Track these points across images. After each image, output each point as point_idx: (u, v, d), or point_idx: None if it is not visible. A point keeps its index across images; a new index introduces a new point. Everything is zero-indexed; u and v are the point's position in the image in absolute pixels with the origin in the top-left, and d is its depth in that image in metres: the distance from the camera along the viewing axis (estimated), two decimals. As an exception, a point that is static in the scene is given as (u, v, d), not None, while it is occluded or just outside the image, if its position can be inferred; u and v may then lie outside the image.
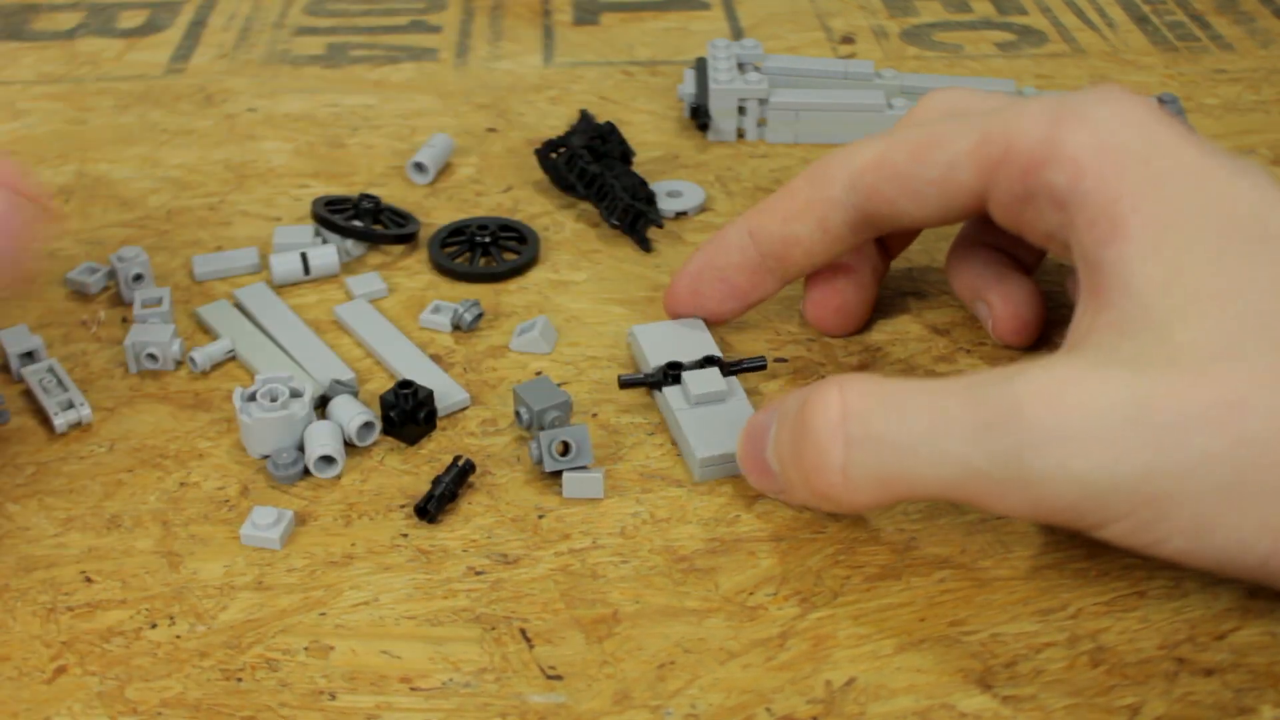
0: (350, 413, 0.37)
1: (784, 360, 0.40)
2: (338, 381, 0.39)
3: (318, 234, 0.46)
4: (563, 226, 0.48)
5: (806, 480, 0.31)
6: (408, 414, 0.37)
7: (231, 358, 0.41)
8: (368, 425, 0.37)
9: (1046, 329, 0.41)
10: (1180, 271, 0.29)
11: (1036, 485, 0.28)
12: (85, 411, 0.38)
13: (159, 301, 0.42)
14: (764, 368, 0.39)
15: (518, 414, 0.37)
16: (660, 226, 0.47)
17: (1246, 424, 0.27)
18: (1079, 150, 0.31)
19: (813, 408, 0.30)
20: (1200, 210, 0.30)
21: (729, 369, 0.38)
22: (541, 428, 0.37)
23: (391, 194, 0.50)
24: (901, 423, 0.29)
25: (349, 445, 0.37)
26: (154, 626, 0.32)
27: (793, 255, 0.38)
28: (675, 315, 0.41)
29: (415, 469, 0.37)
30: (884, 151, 0.36)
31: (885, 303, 0.43)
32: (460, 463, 0.35)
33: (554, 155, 0.49)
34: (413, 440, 0.37)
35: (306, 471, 0.36)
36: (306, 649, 0.31)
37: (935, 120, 0.36)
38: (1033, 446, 0.28)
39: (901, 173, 0.35)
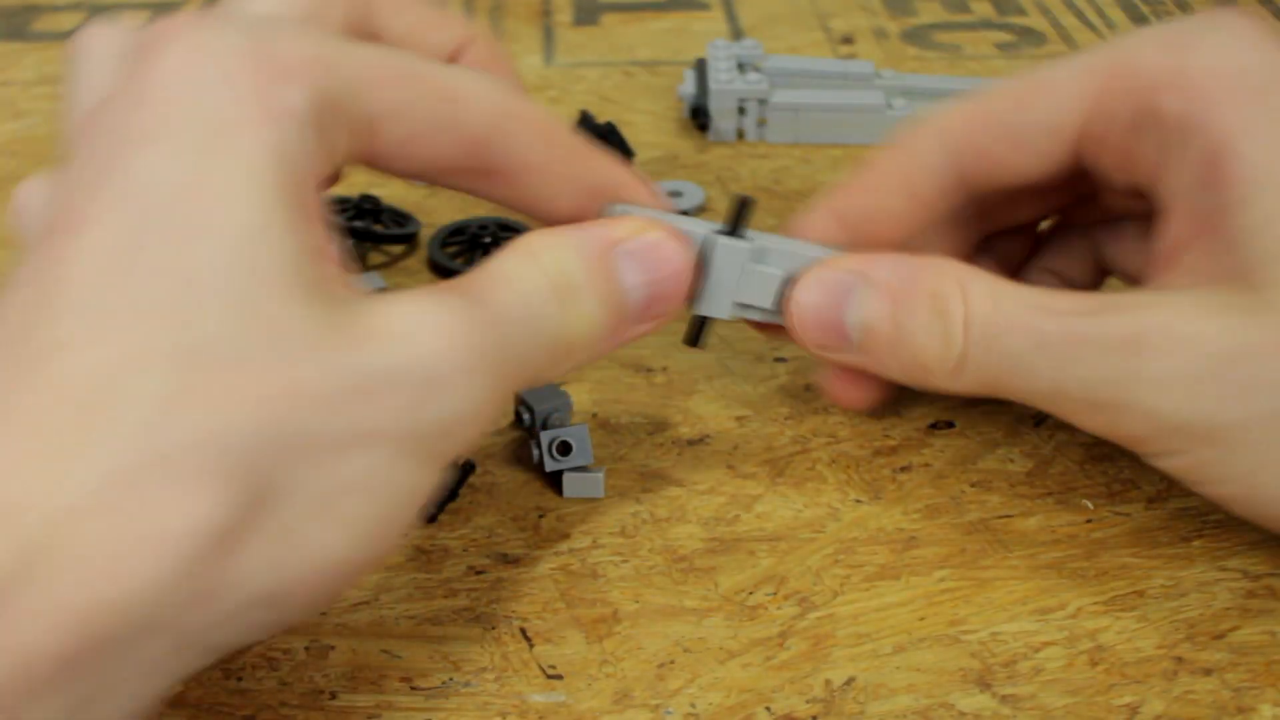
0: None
1: (783, 360, 0.41)
2: None
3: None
4: (563, 227, 0.48)
5: (909, 360, 0.32)
6: (408, 414, 0.37)
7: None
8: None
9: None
10: None
11: (1115, 414, 0.30)
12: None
13: None
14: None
15: (518, 414, 0.38)
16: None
17: None
18: (1201, 76, 0.31)
19: (932, 298, 0.31)
20: None
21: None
22: (542, 428, 0.37)
23: (392, 194, 0.50)
24: (1024, 337, 0.30)
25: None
26: (155, 626, 0.32)
27: (880, 231, 0.35)
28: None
29: (415, 469, 0.37)
30: (982, 103, 0.35)
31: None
32: (461, 462, 0.35)
33: (554, 156, 0.49)
34: (413, 440, 0.37)
35: (307, 471, 0.36)
36: (307, 648, 0.31)
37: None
38: (1131, 386, 0.29)
39: (1004, 120, 0.34)
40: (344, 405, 0.24)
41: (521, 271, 0.28)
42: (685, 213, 0.48)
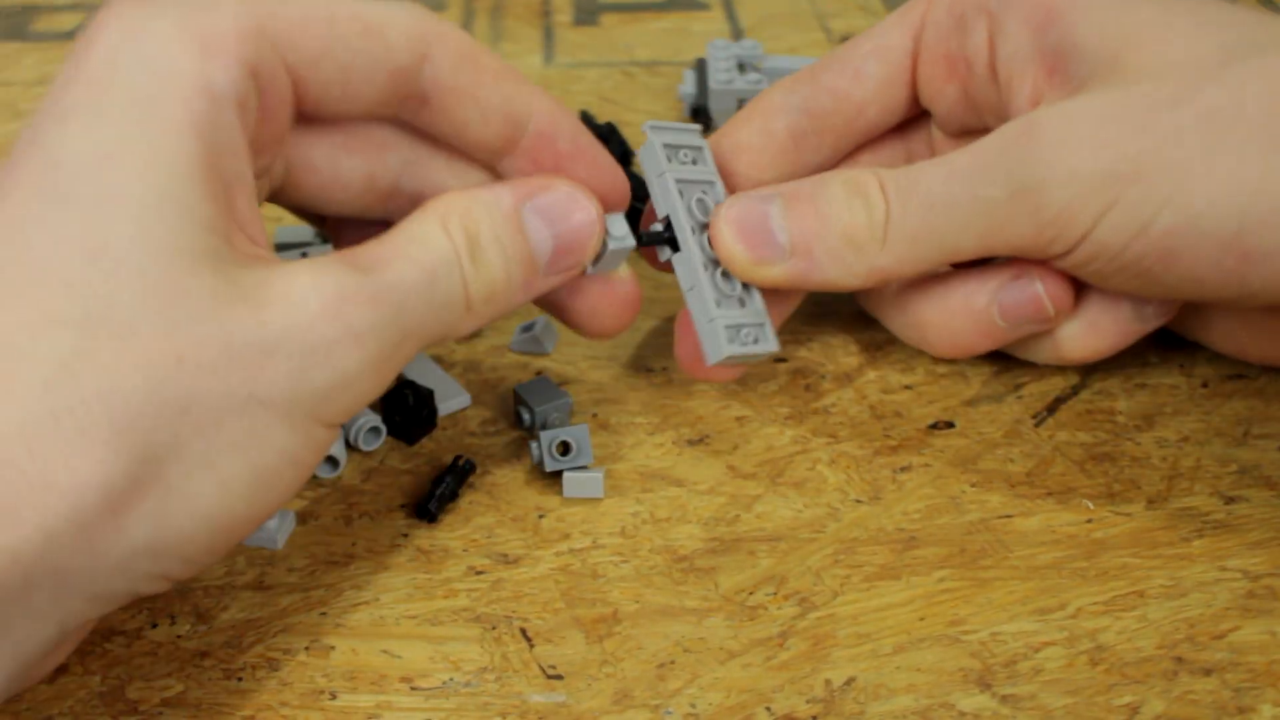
0: (357, 416, 0.37)
1: (783, 360, 0.41)
2: None
3: (319, 233, 0.46)
4: (563, 227, 0.47)
5: (839, 241, 0.34)
6: (408, 414, 0.37)
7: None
8: (374, 430, 0.37)
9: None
10: (1120, 24, 0.33)
11: (1041, 195, 0.32)
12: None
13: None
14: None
15: (518, 414, 0.38)
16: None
17: (1203, 99, 0.31)
18: None
19: (845, 182, 0.34)
20: None
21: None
22: (542, 428, 0.37)
23: (392, 194, 0.50)
24: (937, 177, 0.33)
25: (352, 448, 0.37)
26: (155, 626, 0.32)
27: (741, 167, 0.37)
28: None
29: (416, 469, 0.37)
30: (820, 59, 0.39)
31: (885, 303, 0.43)
32: (461, 462, 0.35)
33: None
34: (413, 440, 0.37)
35: (307, 471, 0.36)
36: (307, 648, 0.31)
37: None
38: (1041, 161, 0.32)
39: (839, 58, 0.38)
40: (228, 371, 0.26)
41: (429, 237, 0.29)
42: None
